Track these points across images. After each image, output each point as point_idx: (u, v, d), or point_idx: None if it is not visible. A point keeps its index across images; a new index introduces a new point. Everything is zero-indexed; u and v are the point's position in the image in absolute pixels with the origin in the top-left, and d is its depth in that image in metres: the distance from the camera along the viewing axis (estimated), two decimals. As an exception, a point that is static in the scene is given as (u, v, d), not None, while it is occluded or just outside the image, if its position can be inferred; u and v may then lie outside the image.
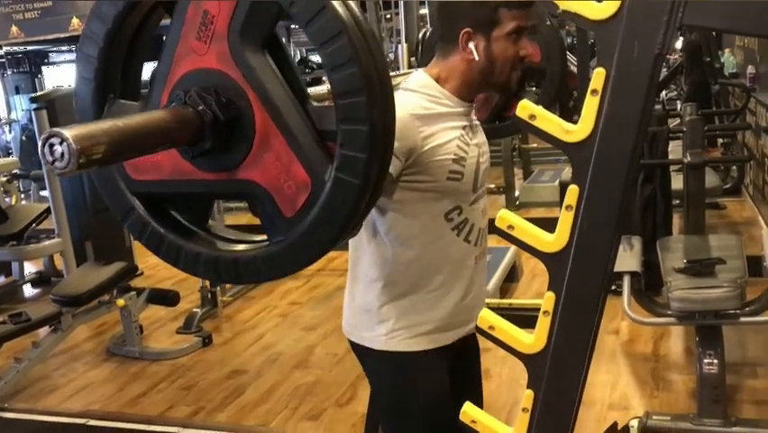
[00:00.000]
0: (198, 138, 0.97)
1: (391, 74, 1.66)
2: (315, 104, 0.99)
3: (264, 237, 1.07)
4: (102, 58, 1.05)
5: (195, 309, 4.43)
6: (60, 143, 0.79)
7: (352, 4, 0.94)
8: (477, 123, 1.71)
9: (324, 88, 1.39)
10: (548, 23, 2.55)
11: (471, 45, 1.57)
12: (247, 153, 1.00)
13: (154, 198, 1.10)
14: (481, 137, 1.71)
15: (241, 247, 1.08)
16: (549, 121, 0.98)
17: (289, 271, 1.06)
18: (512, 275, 4.57)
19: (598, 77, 0.94)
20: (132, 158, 1.03)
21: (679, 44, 7.52)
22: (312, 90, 1.09)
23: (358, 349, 1.73)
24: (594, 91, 0.94)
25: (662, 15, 0.89)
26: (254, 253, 1.05)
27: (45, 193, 5.62)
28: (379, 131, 0.94)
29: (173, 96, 1.01)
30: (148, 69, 1.11)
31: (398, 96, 1.57)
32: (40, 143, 0.81)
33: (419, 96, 1.59)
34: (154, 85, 1.04)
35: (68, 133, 0.79)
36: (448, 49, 1.61)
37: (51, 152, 0.80)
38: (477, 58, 1.57)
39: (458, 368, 1.77)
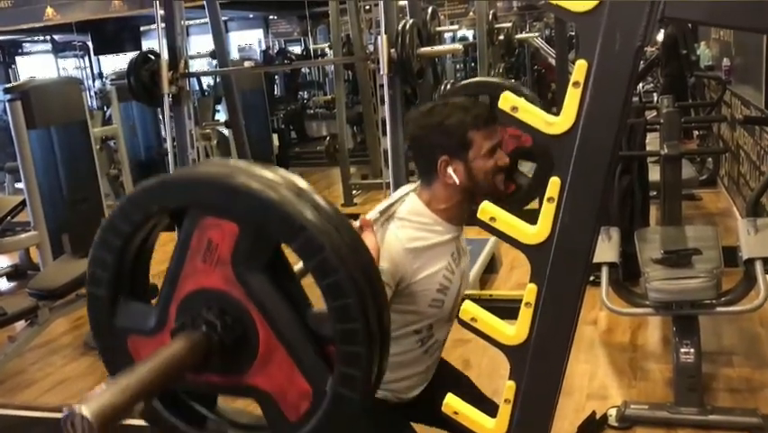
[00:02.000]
0: (206, 360, 1.02)
1: (387, 203, 1.70)
2: (314, 310, 1.04)
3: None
4: (115, 267, 1.11)
5: (174, 302, 4.39)
6: (81, 421, 0.82)
7: (330, 214, 1.01)
8: (464, 246, 1.79)
9: None
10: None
11: (450, 170, 1.65)
12: (252, 363, 1.05)
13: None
14: (465, 261, 1.79)
15: None
16: (531, 113, 0.98)
17: None
18: (491, 266, 4.59)
19: (580, 69, 0.94)
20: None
21: (660, 37, 7.57)
22: None
23: None
24: (576, 83, 0.95)
25: (644, 7, 0.89)
26: None
27: (20, 185, 5.54)
28: (375, 350, 1.00)
29: (181, 312, 1.06)
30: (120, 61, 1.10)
31: (394, 229, 1.67)
32: (62, 420, 0.83)
33: (412, 227, 1.67)
34: (163, 296, 1.10)
35: (88, 412, 0.82)
36: (429, 177, 1.69)
37: (73, 428, 0.82)
38: (458, 181, 1.65)
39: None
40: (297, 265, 1.09)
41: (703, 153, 6.56)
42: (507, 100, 1.00)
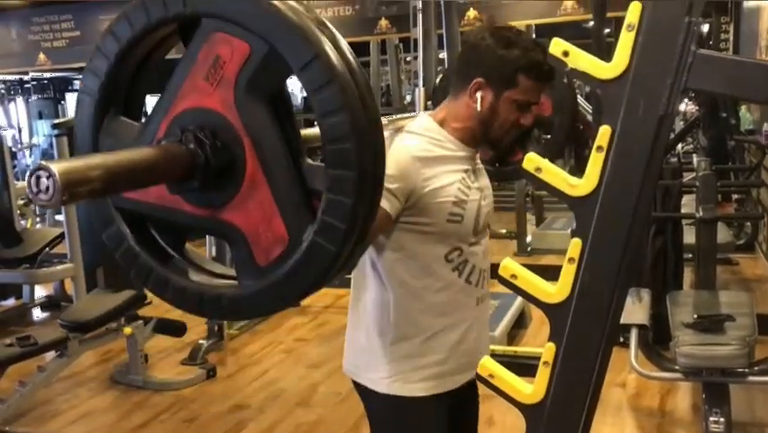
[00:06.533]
0: (188, 177, 0.99)
1: (396, 116, 1.69)
2: (309, 161, 1.01)
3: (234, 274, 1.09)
4: (109, 74, 1.07)
5: (201, 341, 4.42)
6: (47, 177, 0.81)
7: (347, 53, 0.97)
8: (481, 167, 1.74)
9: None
10: (564, 79, 2.58)
11: (479, 95, 1.59)
12: (233, 197, 1.02)
13: (135, 215, 1.12)
14: (485, 181, 1.72)
15: (210, 282, 1.10)
16: (554, 174, 1.00)
17: (251, 316, 1.11)
18: (520, 321, 4.55)
19: (603, 134, 0.96)
20: (118, 192, 1.06)
21: (683, 107, 7.56)
22: (305, 132, 1.11)
23: (360, 389, 1.73)
24: (599, 148, 0.96)
25: (668, 78, 0.91)
26: (221, 291, 1.07)
27: (60, 218, 5.68)
28: (363, 206, 0.97)
29: (171, 129, 1.03)
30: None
31: (402, 139, 1.61)
32: (27, 174, 0.83)
33: (422, 139, 1.61)
34: (156, 112, 1.07)
35: (55, 168, 0.81)
36: (458, 92, 1.64)
37: (38, 184, 0.81)
38: (479, 109, 1.59)
39: (456, 416, 1.76)
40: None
41: (739, 218, 6.47)
42: (532, 161, 1.02)
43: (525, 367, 1.29)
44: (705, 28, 8.56)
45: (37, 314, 5.66)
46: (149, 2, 1.02)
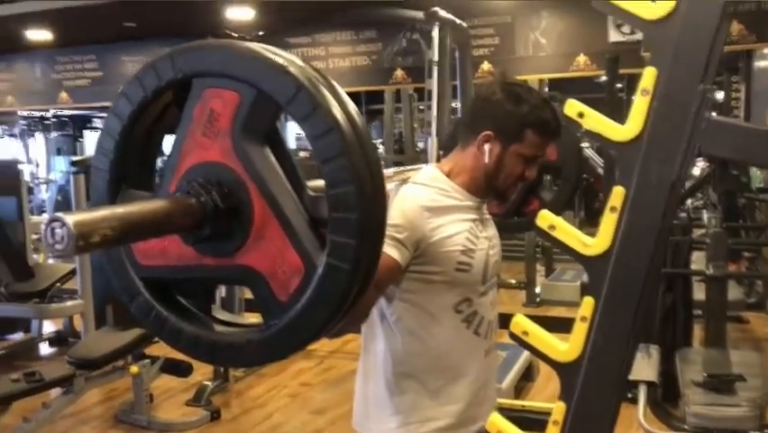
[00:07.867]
0: (199, 225, 1.03)
1: (402, 168, 1.73)
2: (311, 193, 1.05)
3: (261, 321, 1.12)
4: (117, 151, 1.13)
5: (206, 382, 4.40)
6: (61, 227, 0.85)
7: (346, 102, 1.01)
8: (488, 217, 1.76)
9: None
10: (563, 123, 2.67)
11: (486, 147, 1.63)
12: (245, 240, 1.06)
13: (160, 282, 1.16)
14: (492, 231, 1.74)
15: (236, 331, 1.13)
16: (567, 233, 1.02)
17: (283, 355, 1.12)
18: (528, 374, 4.51)
19: (617, 195, 0.98)
20: (131, 243, 1.10)
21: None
22: (312, 183, 1.16)
23: None
24: (613, 208, 0.98)
25: (681, 143, 0.93)
26: (249, 337, 1.10)
27: (73, 254, 5.70)
28: (369, 218, 1.00)
29: (179, 187, 1.08)
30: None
31: (408, 189, 1.63)
32: (43, 227, 0.87)
33: (429, 189, 1.64)
34: (164, 178, 1.12)
35: (69, 219, 0.85)
36: (467, 142, 1.68)
37: (53, 235, 0.86)
38: (486, 160, 1.63)
39: None
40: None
41: (749, 277, 6.41)
42: (545, 219, 1.04)
43: (532, 422, 1.29)
44: (720, 95, 8.62)
45: (44, 349, 5.66)
46: (142, 76, 1.09)
